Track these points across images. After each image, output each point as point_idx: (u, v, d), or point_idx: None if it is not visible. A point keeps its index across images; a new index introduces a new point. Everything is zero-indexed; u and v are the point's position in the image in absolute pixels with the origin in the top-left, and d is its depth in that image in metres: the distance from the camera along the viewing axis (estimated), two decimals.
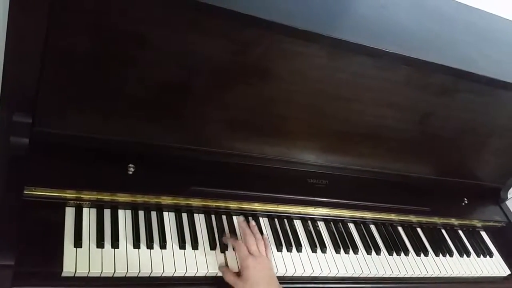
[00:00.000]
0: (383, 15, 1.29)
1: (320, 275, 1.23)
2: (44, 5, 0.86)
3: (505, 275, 1.53)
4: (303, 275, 1.21)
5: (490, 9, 1.61)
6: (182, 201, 1.16)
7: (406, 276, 1.34)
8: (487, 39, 1.48)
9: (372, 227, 1.42)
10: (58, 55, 0.95)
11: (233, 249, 1.15)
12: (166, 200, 1.14)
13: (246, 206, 1.23)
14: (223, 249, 1.15)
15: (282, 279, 1.19)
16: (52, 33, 0.90)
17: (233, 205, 1.22)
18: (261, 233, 1.22)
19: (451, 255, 1.46)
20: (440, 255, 1.44)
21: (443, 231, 1.54)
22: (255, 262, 1.09)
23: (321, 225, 1.34)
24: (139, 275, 1.03)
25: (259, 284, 1.05)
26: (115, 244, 1.04)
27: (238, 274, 1.09)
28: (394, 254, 1.37)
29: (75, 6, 0.90)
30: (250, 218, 1.25)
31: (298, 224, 1.31)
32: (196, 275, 1.09)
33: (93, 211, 1.08)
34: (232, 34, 1.01)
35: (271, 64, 1.09)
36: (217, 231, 1.18)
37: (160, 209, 1.15)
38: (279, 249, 1.22)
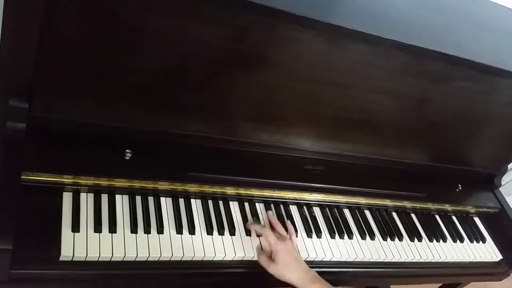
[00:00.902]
0: (380, 2, 1.28)
1: (315, 260, 1.25)
2: None
3: (497, 260, 1.56)
4: None
5: None
6: (179, 187, 1.17)
7: (400, 260, 1.36)
8: (484, 26, 1.48)
9: (367, 212, 1.43)
10: (55, 40, 0.94)
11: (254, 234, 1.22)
12: (163, 186, 1.15)
13: (242, 191, 1.24)
14: (220, 233, 1.16)
15: None
16: (50, 18, 0.90)
17: (230, 190, 1.23)
18: (258, 217, 1.24)
19: (444, 240, 1.48)
20: (434, 240, 1.46)
21: (437, 216, 1.56)
22: (283, 246, 1.16)
23: (317, 211, 1.35)
24: (137, 259, 1.04)
25: (289, 265, 1.13)
26: (112, 228, 1.05)
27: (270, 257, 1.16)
28: (388, 239, 1.39)
29: None
30: (246, 204, 1.26)
31: (293, 209, 1.32)
32: (193, 259, 1.11)
33: (91, 196, 1.08)
34: (229, 20, 1.01)
35: (268, 50, 1.09)
36: (214, 216, 1.19)
37: (157, 194, 1.16)
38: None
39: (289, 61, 1.12)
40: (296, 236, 1.24)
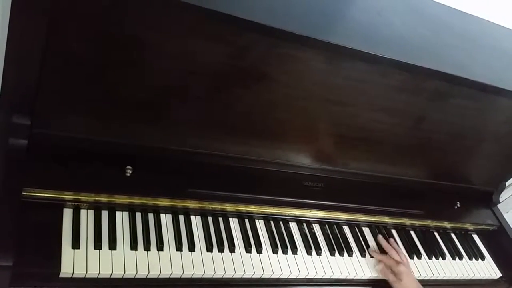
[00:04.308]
0: (379, 21, 1.30)
1: (315, 277, 1.24)
2: (44, 8, 0.87)
3: (496, 277, 1.55)
4: (298, 277, 1.22)
5: (484, 15, 1.63)
6: (179, 203, 1.17)
7: None
8: (481, 45, 1.50)
9: (366, 229, 1.43)
10: (58, 58, 0.95)
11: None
12: (163, 202, 1.15)
13: (242, 208, 1.24)
14: (220, 250, 1.16)
15: (277, 281, 1.21)
16: (52, 36, 0.91)
17: (230, 207, 1.23)
18: (258, 234, 1.24)
19: (443, 257, 1.48)
20: (433, 257, 1.46)
21: (436, 234, 1.56)
22: (406, 269, 1.31)
23: (316, 228, 1.35)
24: (136, 276, 1.04)
25: (413, 286, 1.29)
26: (112, 245, 1.05)
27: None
28: None
29: (75, 9, 0.90)
30: (246, 220, 1.26)
31: (293, 226, 1.32)
32: (193, 276, 1.10)
33: (91, 212, 1.08)
34: (230, 38, 1.02)
35: (268, 68, 1.10)
36: (214, 233, 1.19)
37: (157, 211, 1.16)
38: (274, 251, 1.23)
39: (289, 79, 1.14)
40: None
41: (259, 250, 1.21)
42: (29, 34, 0.90)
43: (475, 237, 1.64)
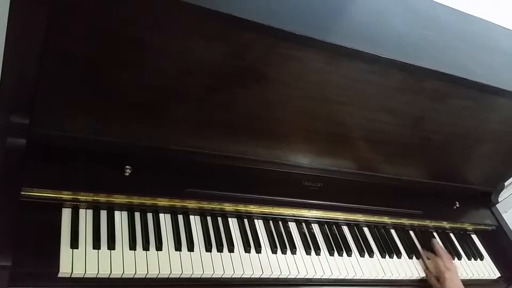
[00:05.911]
0: (379, 21, 1.30)
1: (314, 277, 1.24)
2: (44, 7, 0.86)
3: (495, 277, 1.56)
4: (297, 277, 1.22)
5: (484, 15, 1.64)
6: (178, 203, 1.17)
7: (398, 278, 1.36)
8: (481, 46, 1.50)
9: (366, 229, 1.43)
10: (57, 56, 0.95)
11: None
12: (162, 202, 1.15)
13: (241, 208, 1.24)
14: (219, 250, 1.16)
15: (276, 281, 1.21)
16: (52, 34, 0.91)
17: (229, 207, 1.23)
18: (257, 234, 1.24)
19: None
20: None
21: (435, 234, 1.56)
22: (451, 275, 1.36)
23: (315, 228, 1.35)
24: (135, 276, 1.04)
25: None
26: (111, 245, 1.04)
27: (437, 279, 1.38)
28: (387, 256, 1.38)
29: (74, 7, 0.90)
30: (245, 220, 1.26)
31: (292, 226, 1.32)
32: (192, 276, 1.10)
33: (90, 212, 1.08)
34: (230, 38, 1.02)
35: (268, 67, 1.10)
36: (213, 233, 1.18)
37: (156, 210, 1.15)
38: (273, 251, 1.23)
39: (289, 78, 1.13)
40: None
41: (258, 250, 1.21)
42: (28, 32, 0.90)
43: (474, 237, 1.64)
